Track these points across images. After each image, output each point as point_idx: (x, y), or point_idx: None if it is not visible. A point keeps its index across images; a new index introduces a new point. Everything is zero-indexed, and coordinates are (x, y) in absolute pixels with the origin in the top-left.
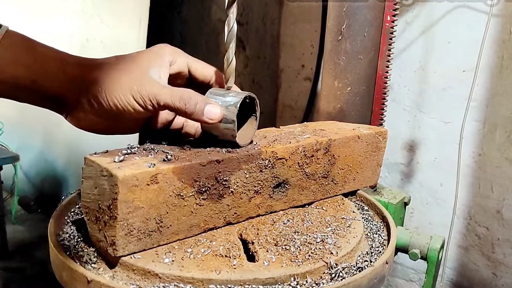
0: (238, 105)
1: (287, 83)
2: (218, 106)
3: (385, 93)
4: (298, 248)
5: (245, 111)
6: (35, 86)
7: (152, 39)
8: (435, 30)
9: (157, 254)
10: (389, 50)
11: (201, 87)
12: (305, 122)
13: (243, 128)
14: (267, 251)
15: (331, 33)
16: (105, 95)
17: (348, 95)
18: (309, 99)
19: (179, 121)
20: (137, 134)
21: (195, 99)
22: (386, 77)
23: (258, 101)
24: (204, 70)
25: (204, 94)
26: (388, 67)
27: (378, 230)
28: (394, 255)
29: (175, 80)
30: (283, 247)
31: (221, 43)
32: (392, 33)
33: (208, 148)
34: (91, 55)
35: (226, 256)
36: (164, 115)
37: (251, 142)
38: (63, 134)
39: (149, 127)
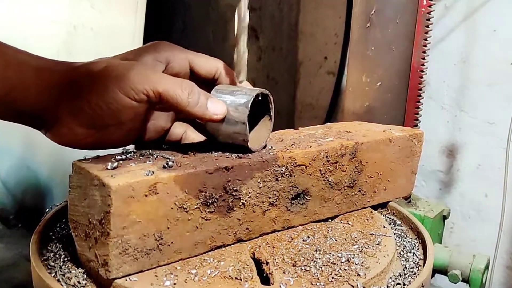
0: (249, 105)
1: (307, 78)
2: (220, 101)
3: (420, 90)
4: (320, 269)
5: (257, 110)
6: (8, 99)
7: (151, 27)
8: (478, 16)
9: (156, 276)
10: (425, 40)
11: (206, 83)
12: (328, 123)
13: (255, 129)
14: (284, 272)
15: (358, 19)
16: (87, 96)
17: (378, 92)
18: (332, 97)
19: (177, 131)
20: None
21: (198, 90)
22: (422, 71)
23: (272, 98)
24: (208, 65)
25: (209, 92)
26: (424, 59)
27: (413, 248)
28: (431, 277)
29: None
30: (303, 268)
31: (230, 31)
32: (428, 20)
33: (215, 153)
34: (79, 44)
35: (236, 278)
36: (160, 123)
37: (265, 146)
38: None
39: (142, 139)
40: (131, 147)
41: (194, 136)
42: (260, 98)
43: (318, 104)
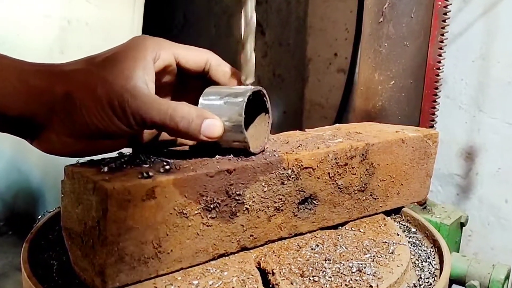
0: (243, 111)
1: (316, 75)
2: (218, 120)
3: (437, 88)
4: (330, 280)
5: (254, 106)
6: None
7: (150, 21)
8: (499, 10)
9: (155, 286)
10: (442, 35)
11: (197, 77)
12: (337, 124)
13: (253, 126)
14: (291, 283)
15: (370, 14)
16: (81, 112)
17: (391, 91)
18: (343, 96)
19: None
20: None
21: (189, 116)
22: (438, 68)
23: (265, 92)
24: (196, 58)
25: (201, 85)
26: (440, 55)
27: (428, 257)
28: None
29: (162, 77)
30: (311, 278)
31: (234, 26)
32: (445, 14)
33: (216, 155)
34: (73, 40)
35: None
36: None
37: (266, 143)
38: None
39: (135, 141)
40: (127, 150)
41: None
42: (251, 98)
43: (328, 103)
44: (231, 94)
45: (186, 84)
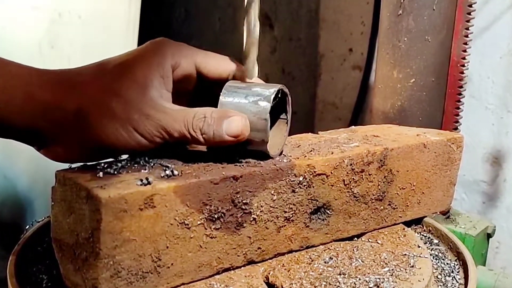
0: (272, 99)
1: (329, 73)
2: (240, 116)
3: (461, 87)
4: None
5: (272, 113)
6: None
7: (147, 14)
8: None
9: None
10: (467, 29)
11: (216, 84)
12: (353, 126)
13: (271, 129)
14: None
15: (388, 5)
16: (95, 130)
17: (411, 89)
18: (358, 95)
19: None
20: None
21: (210, 118)
22: (463, 65)
23: (290, 98)
24: (219, 68)
25: (219, 92)
26: (465, 51)
27: (452, 271)
28: None
29: (180, 86)
30: None
31: (239, 20)
32: (471, 6)
33: (222, 161)
34: (64, 34)
35: None
36: None
37: (281, 153)
38: None
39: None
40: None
41: None
42: (280, 96)
43: (342, 103)
44: (259, 85)
45: (204, 90)
